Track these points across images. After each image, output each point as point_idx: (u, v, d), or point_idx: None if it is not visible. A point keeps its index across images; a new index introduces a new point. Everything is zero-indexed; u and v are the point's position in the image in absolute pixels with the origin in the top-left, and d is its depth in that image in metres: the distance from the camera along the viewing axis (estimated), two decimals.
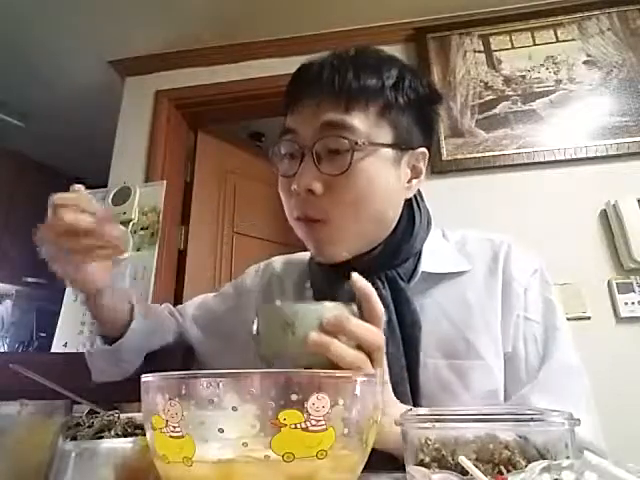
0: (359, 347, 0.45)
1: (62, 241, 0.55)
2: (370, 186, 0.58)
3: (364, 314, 0.47)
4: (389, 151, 0.59)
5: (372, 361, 0.45)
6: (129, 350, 0.69)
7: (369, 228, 0.61)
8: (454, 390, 0.58)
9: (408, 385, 0.57)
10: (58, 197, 0.55)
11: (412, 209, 0.66)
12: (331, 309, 0.46)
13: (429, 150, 0.64)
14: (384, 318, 0.47)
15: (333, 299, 0.48)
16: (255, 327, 0.49)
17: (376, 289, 0.59)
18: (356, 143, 0.56)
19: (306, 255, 0.74)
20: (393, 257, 0.63)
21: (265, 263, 0.84)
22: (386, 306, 0.57)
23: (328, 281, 0.65)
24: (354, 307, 0.48)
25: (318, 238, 0.61)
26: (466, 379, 0.58)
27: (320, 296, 0.68)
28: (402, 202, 0.64)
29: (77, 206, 0.54)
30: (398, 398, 0.51)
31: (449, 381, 0.58)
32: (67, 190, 0.57)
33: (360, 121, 0.57)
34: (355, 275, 0.47)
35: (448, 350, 0.60)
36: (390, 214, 0.62)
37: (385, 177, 0.59)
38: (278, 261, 0.83)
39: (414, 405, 0.56)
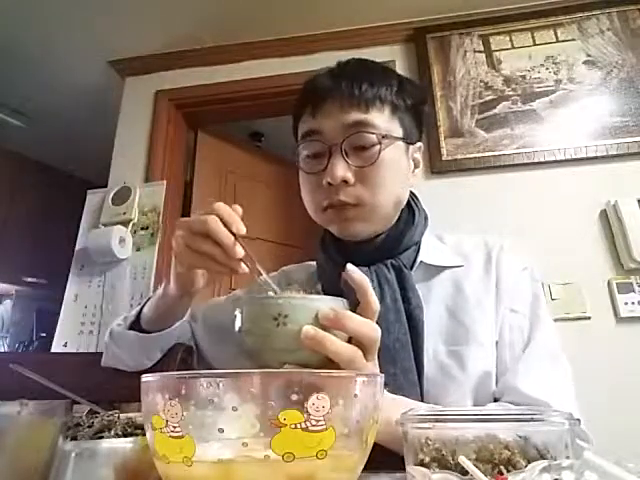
0: (349, 340, 0.45)
1: (197, 241, 0.56)
2: (393, 172, 0.67)
3: (360, 306, 0.47)
4: (401, 143, 0.69)
5: (365, 354, 0.45)
6: (163, 343, 0.73)
7: (390, 210, 0.68)
8: (452, 373, 0.63)
9: (415, 366, 0.60)
10: (221, 207, 0.57)
11: (411, 205, 0.74)
12: (327, 302, 0.44)
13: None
14: (378, 310, 0.48)
15: (342, 294, 0.47)
16: (239, 321, 0.46)
17: (383, 275, 0.66)
18: (382, 137, 0.65)
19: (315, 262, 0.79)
20: (397, 244, 0.69)
21: (277, 272, 0.87)
22: (393, 290, 0.65)
23: (337, 272, 0.66)
24: (345, 301, 0.46)
25: (349, 216, 0.66)
26: (463, 362, 0.63)
27: (330, 291, 0.70)
28: (409, 189, 0.73)
29: (232, 223, 0.56)
30: (406, 380, 0.56)
31: (448, 365, 0.63)
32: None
33: (379, 119, 0.66)
34: (350, 266, 0.48)
35: (447, 337, 0.65)
36: (403, 198, 0.71)
37: (401, 165, 0.69)
38: (289, 265, 0.88)
39: (419, 386, 0.60)
